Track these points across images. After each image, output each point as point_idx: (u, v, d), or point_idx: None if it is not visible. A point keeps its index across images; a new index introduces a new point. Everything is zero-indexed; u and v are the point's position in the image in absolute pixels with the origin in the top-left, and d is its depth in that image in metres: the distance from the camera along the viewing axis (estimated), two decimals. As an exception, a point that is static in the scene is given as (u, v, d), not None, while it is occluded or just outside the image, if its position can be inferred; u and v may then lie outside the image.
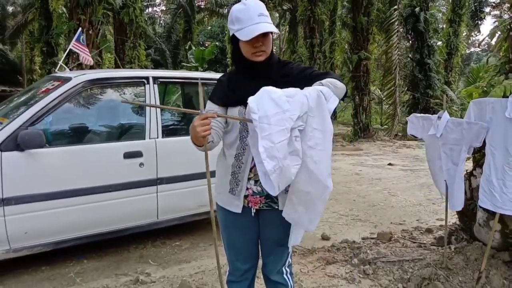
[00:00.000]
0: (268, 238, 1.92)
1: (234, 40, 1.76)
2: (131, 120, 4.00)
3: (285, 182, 1.57)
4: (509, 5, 3.47)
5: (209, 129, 1.59)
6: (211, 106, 1.83)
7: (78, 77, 3.38)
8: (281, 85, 1.61)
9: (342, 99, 1.74)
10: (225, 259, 2.03)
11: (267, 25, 1.68)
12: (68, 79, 3.36)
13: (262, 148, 1.49)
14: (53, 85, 3.41)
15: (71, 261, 3.49)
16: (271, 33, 1.75)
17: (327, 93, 1.59)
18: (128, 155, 3.42)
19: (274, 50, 1.89)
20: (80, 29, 5.63)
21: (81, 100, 3.58)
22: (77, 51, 5.01)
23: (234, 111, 1.78)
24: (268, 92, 1.53)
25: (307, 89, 1.60)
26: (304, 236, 1.81)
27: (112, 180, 3.35)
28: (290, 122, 1.51)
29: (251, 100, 1.53)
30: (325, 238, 4.07)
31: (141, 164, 3.48)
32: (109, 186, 3.33)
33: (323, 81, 1.65)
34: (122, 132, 3.84)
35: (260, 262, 2.02)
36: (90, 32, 8.97)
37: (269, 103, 1.51)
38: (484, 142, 2.69)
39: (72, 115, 3.62)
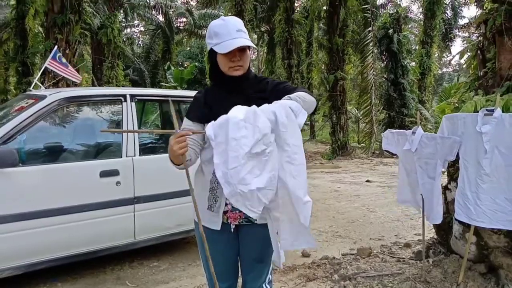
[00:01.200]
0: (248, 254, 1.90)
1: (211, 54, 1.79)
2: (107, 138, 3.94)
3: (256, 205, 1.56)
4: (476, 26, 3.63)
5: (185, 146, 1.59)
6: (187, 124, 1.83)
7: (53, 95, 3.33)
8: (256, 100, 1.66)
9: (313, 113, 1.76)
10: (204, 279, 1.99)
11: (245, 40, 1.72)
12: (43, 97, 3.31)
13: (220, 173, 1.54)
14: (27, 103, 3.35)
15: (44, 285, 3.36)
16: (249, 49, 1.78)
17: (296, 108, 1.61)
18: (105, 174, 3.36)
19: (253, 71, 1.91)
20: (56, 47, 5.56)
21: (57, 118, 3.52)
22: (53, 69, 4.95)
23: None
24: (227, 118, 1.54)
25: (276, 104, 1.61)
26: (284, 253, 1.79)
27: (88, 200, 3.27)
28: (244, 148, 1.51)
29: (208, 128, 1.56)
30: (305, 255, 4.05)
31: (117, 183, 3.41)
32: (85, 206, 3.25)
33: (292, 95, 1.67)
34: (99, 151, 3.77)
35: (240, 280, 1.99)
36: (67, 51, 8.88)
37: (227, 128, 1.53)
38: (458, 156, 2.76)
39: (47, 133, 3.55)
